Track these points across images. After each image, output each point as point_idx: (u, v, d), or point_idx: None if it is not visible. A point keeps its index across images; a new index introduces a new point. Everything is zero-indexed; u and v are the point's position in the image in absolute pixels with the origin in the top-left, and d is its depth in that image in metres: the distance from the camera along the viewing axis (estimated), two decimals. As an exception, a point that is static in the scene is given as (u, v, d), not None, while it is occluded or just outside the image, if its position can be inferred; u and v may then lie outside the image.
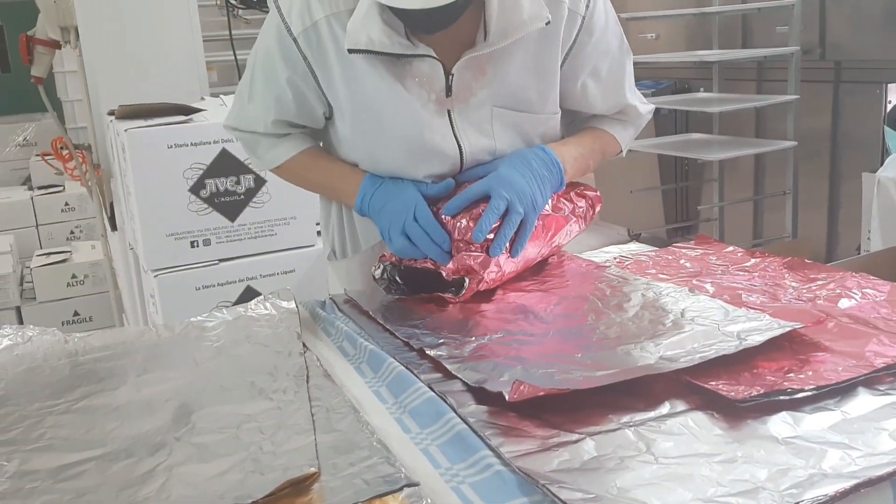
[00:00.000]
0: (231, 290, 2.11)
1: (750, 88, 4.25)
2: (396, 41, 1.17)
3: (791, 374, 0.87)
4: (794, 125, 3.73)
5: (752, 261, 1.29)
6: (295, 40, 1.23)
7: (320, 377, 0.99)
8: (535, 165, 1.25)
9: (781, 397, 0.83)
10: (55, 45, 2.91)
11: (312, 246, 2.18)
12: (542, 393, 0.83)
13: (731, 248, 1.38)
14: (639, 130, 1.45)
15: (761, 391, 0.83)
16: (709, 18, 4.16)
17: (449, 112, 1.26)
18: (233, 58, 3.13)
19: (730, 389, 0.84)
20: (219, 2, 3.24)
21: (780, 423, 0.80)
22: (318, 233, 2.20)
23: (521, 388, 0.83)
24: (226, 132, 1.44)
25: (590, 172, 1.41)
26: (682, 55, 4.07)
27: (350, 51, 1.17)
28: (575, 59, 1.30)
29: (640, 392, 0.87)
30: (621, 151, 1.44)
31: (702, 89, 4.42)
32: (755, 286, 1.17)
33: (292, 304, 1.23)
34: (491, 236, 1.18)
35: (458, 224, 1.19)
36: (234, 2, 3.17)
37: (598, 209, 1.40)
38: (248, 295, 2.11)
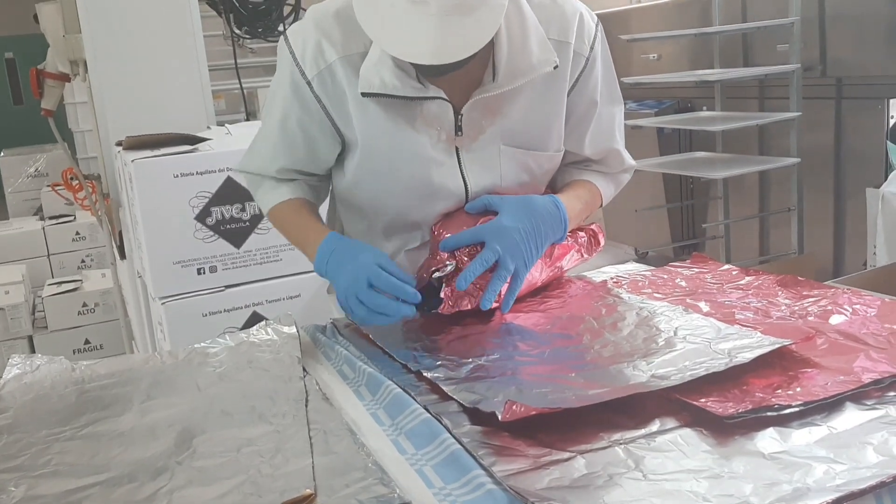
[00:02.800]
0: (238, 315, 2.14)
1: (752, 106, 4.27)
2: (408, 84, 1.19)
3: (780, 391, 0.89)
4: (797, 142, 3.75)
5: (747, 279, 1.31)
6: (309, 83, 1.24)
7: (319, 400, 1.01)
8: (540, 219, 1.23)
9: (769, 413, 0.84)
10: (65, 77, 2.96)
11: (317, 271, 2.20)
12: (534, 412, 0.85)
13: (726, 267, 1.39)
14: (619, 188, 1.46)
15: (749, 407, 0.85)
16: (709, 38, 4.19)
17: (457, 150, 1.28)
18: (238, 86, 3.18)
19: (718, 406, 0.86)
20: (224, 32, 3.29)
21: (767, 439, 0.81)
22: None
23: (514, 407, 0.84)
24: (238, 154, 1.47)
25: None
26: (684, 75, 4.10)
27: (364, 94, 1.19)
28: (574, 98, 1.32)
29: (632, 410, 0.89)
30: (602, 205, 1.45)
31: (704, 108, 4.45)
32: (748, 304, 1.19)
33: (293, 330, 1.25)
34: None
35: (448, 265, 1.21)
36: (239, 32, 3.22)
37: (601, 241, 1.41)
38: (255, 320, 2.13)
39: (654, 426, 0.86)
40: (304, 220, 1.35)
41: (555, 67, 1.21)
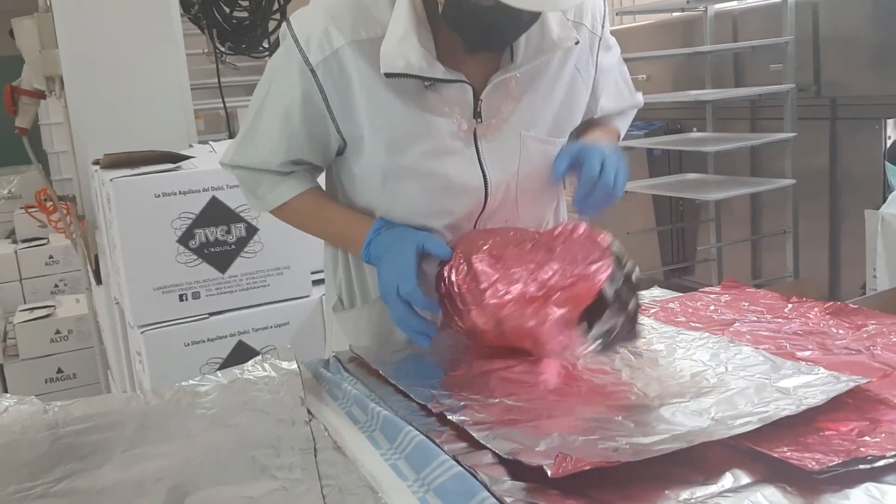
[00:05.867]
0: (222, 345, 2.01)
1: (743, 127, 4.21)
2: (434, 66, 1.13)
3: (865, 438, 0.78)
4: (792, 163, 3.69)
5: (789, 306, 1.20)
6: (313, 71, 1.16)
7: (330, 450, 0.88)
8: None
9: (861, 466, 0.73)
10: (40, 95, 2.85)
11: (307, 297, 2.08)
12: (587, 467, 0.73)
13: (761, 292, 1.29)
14: (629, 121, 1.48)
15: (836, 460, 0.73)
16: (700, 58, 4.13)
17: (475, 138, 1.21)
18: (220, 105, 3.06)
19: (801, 458, 0.74)
20: (207, 49, 3.17)
21: (863, 497, 0.70)
22: (314, 282, 2.12)
23: (565, 461, 0.72)
24: (223, 171, 1.34)
25: None
26: (676, 95, 4.03)
27: (388, 75, 1.12)
28: (597, 77, 1.31)
29: (694, 461, 0.77)
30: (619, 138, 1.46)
31: (695, 129, 4.38)
32: (798, 334, 1.08)
33: (294, 365, 1.12)
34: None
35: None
36: (222, 49, 3.10)
37: None
38: (241, 350, 2.01)
39: (727, 481, 0.74)
40: (334, 207, 1.30)
41: (576, 43, 1.18)
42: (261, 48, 3.13)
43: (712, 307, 1.24)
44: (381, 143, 1.19)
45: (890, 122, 3.52)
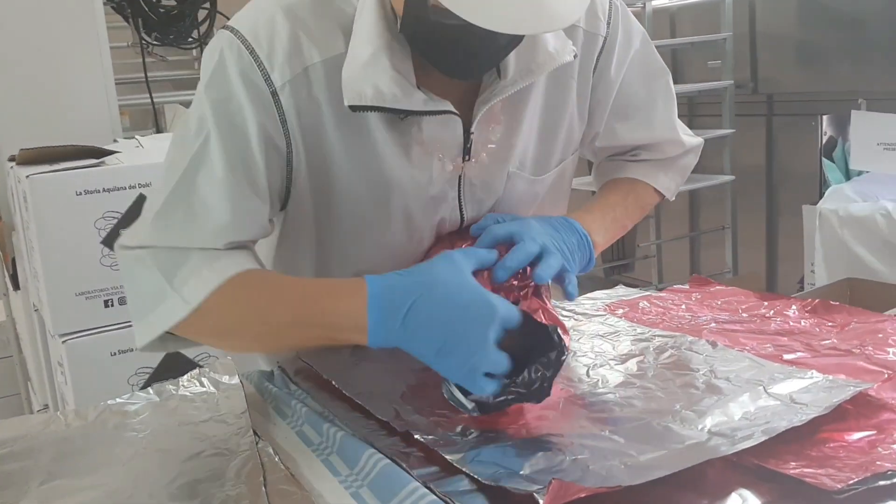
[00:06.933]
0: (152, 354, 1.87)
1: (682, 124, 4.22)
2: (412, 94, 0.89)
3: (878, 450, 0.71)
4: (731, 159, 3.70)
5: (765, 304, 1.14)
6: (274, 94, 0.89)
7: (280, 476, 0.78)
8: (562, 233, 0.98)
9: (881, 482, 0.66)
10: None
11: (245, 300, 1.95)
12: (584, 494, 0.64)
13: (731, 290, 1.23)
14: (686, 171, 1.19)
15: (854, 477, 0.66)
16: (639, 54, 4.12)
17: (460, 182, 1.00)
18: (148, 100, 2.90)
19: (816, 475, 0.67)
20: (132, 40, 3.00)
21: (888, 519, 0.63)
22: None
23: (561, 489, 0.63)
24: (152, 168, 1.11)
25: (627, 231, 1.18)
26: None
27: (353, 108, 0.88)
28: (596, 84, 1.07)
29: (693, 480, 0.69)
30: (664, 198, 1.19)
31: (632, 126, 4.37)
32: (781, 335, 1.01)
33: (235, 379, 1.01)
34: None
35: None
36: (148, 39, 2.94)
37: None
38: (173, 360, 1.87)
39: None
40: (303, 280, 0.99)
41: (574, 56, 0.96)
42: (190, 39, 2.97)
43: (683, 306, 1.17)
44: (346, 191, 0.96)
45: (826, 118, 3.56)
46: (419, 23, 0.85)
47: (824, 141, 3.59)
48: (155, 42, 2.92)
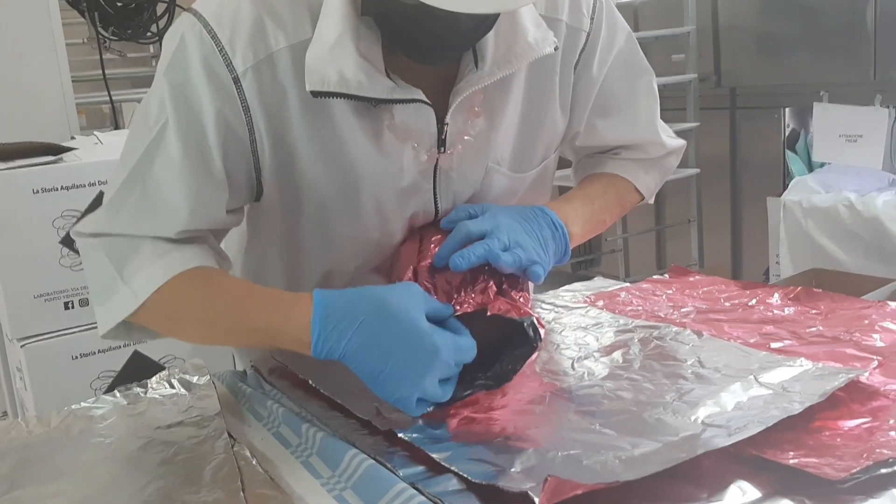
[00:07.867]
0: (115, 357, 1.82)
1: (643, 118, 4.23)
2: (378, 81, 0.85)
3: (877, 437, 0.69)
4: (696, 152, 3.72)
5: (746, 293, 1.12)
6: (236, 80, 0.86)
7: (258, 480, 0.74)
8: (533, 225, 0.95)
9: (883, 470, 0.64)
10: None
11: (211, 300, 1.90)
12: (581, 491, 0.61)
13: (710, 279, 1.21)
14: (667, 172, 1.17)
15: (856, 466, 0.64)
16: (603, 48, 4.12)
17: (435, 173, 0.97)
18: (106, 98, 2.82)
19: (818, 465, 0.65)
20: (88, 35, 2.92)
21: (892, 508, 0.61)
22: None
23: (556, 486, 0.61)
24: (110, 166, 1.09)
25: (607, 227, 1.15)
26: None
27: (314, 93, 0.84)
28: (578, 81, 1.04)
29: (690, 473, 0.67)
30: (643, 199, 1.16)
31: (596, 120, 4.38)
32: (765, 323, 1.00)
33: (207, 380, 0.97)
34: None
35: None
36: (105, 34, 2.86)
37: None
38: (136, 362, 1.83)
39: (735, 496, 0.64)
40: (249, 285, 0.93)
41: (555, 49, 0.92)
42: (148, 34, 2.90)
43: (664, 296, 1.16)
44: (314, 185, 0.93)
45: (788, 110, 3.59)
46: (379, 2, 0.83)
47: (787, 133, 3.63)
48: (112, 37, 2.85)
